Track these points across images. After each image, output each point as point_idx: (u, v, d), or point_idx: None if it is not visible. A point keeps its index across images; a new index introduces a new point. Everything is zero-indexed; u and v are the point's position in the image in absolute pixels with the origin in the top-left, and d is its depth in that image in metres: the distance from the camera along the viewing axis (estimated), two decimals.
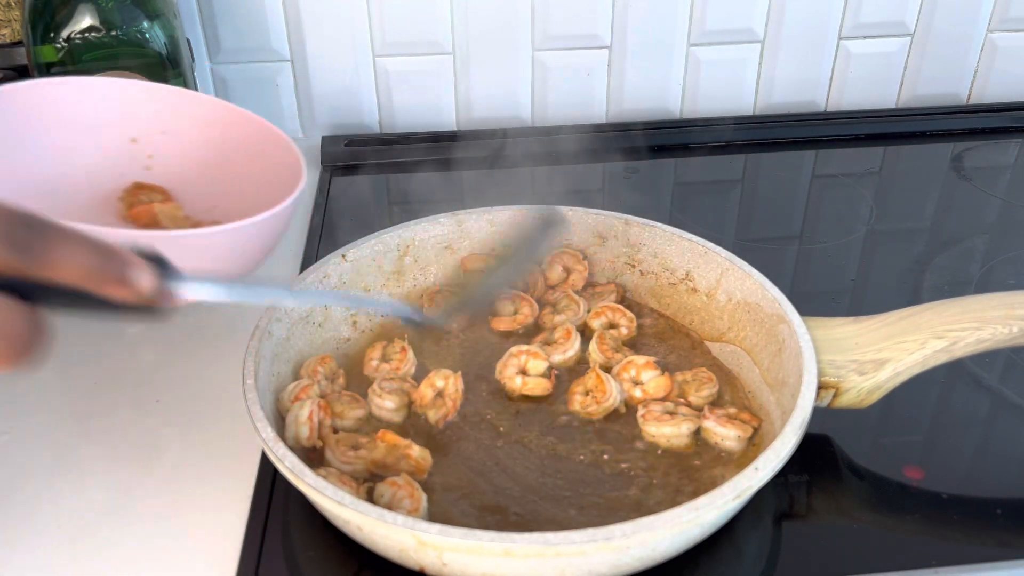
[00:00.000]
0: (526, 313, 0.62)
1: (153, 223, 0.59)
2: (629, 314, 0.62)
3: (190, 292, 0.36)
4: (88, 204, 0.60)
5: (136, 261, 0.33)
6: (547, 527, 0.41)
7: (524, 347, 0.58)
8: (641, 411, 0.53)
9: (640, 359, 0.56)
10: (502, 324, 0.62)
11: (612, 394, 0.54)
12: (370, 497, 0.47)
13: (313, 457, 0.50)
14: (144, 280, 0.33)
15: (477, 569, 0.42)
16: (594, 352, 0.58)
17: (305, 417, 0.50)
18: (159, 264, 0.34)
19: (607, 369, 0.57)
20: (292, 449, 0.46)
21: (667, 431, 0.52)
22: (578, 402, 0.55)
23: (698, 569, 0.46)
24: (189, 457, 0.54)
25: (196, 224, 0.60)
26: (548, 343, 0.59)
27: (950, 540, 0.48)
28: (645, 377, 0.56)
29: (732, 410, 0.53)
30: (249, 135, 0.62)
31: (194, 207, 0.62)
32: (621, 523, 0.40)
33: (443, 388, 0.55)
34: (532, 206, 0.66)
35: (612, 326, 0.61)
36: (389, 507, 0.45)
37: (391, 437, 0.49)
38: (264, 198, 0.60)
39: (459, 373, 0.55)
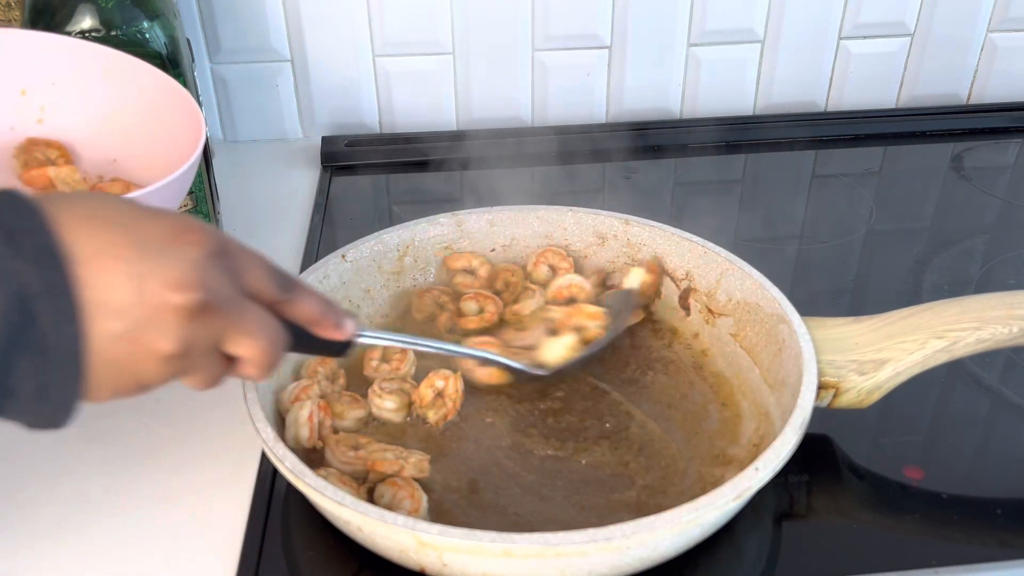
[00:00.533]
0: (491, 311, 0.62)
1: (49, 187, 0.57)
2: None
3: (368, 340, 0.47)
4: None
5: (348, 313, 0.45)
6: (547, 527, 0.41)
7: (478, 339, 0.59)
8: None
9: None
10: (470, 323, 0.62)
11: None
12: (371, 498, 0.47)
13: (313, 458, 0.50)
14: (350, 327, 0.45)
15: (477, 569, 0.42)
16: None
17: (305, 418, 0.50)
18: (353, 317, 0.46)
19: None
20: (292, 450, 0.46)
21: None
22: None
23: (698, 569, 0.46)
24: (189, 457, 0.54)
25: (93, 187, 0.60)
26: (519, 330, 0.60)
27: (950, 540, 0.48)
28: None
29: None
30: (146, 87, 0.61)
31: (92, 161, 0.61)
32: (621, 523, 0.40)
33: (443, 388, 0.55)
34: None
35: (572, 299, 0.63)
36: (390, 507, 0.45)
37: (381, 466, 0.49)
38: (164, 153, 0.59)
39: (458, 373, 0.55)
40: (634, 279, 0.62)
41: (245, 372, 0.40)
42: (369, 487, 0.48)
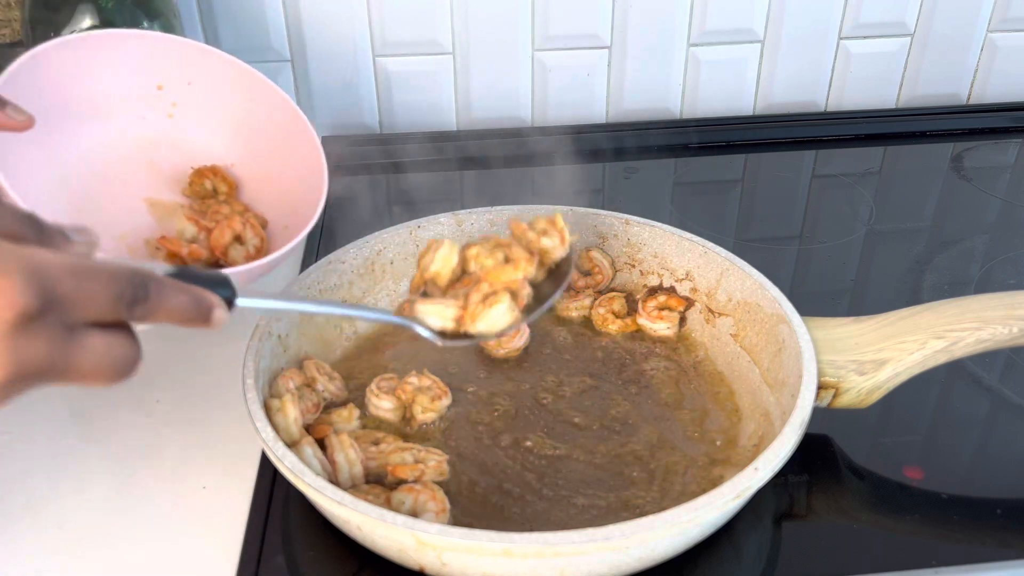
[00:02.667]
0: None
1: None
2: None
3: (245, 303, 0.41)
4: (121, 158, 0.62)
5: (216, 301, 0.39)
6: (547, 527, 0.41)
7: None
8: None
9: None
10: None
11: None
12: (390, 506, 0.46)
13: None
14: (220, 316, 0.39)
15: (477, 569, 0.42)
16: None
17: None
18: (225, 286, 0.40)
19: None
20: (287, 445, 0.46)
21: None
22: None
23: (698, 569, 0.46)
24: (189, 457, 0.54)
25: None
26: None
27: (950, 540, 0.48)
28: None
29: (662, 298, 0.62)
30: (275, 113, 0.63)
31: (214, 159, 0.64)
32: (620, 523, 0.40)
33: (420, 385, 0.55)
34: (534, 206, 0.66)
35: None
36: (413, 513, 0.45)
37: (401, 472, 0.48)
38: (279, 178, 0.62)
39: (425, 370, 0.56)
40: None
41: (94, 384, 0.36)
42: (387, 496, 0.47)
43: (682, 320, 0.62)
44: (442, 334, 0.49)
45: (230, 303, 0.40)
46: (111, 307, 0.35)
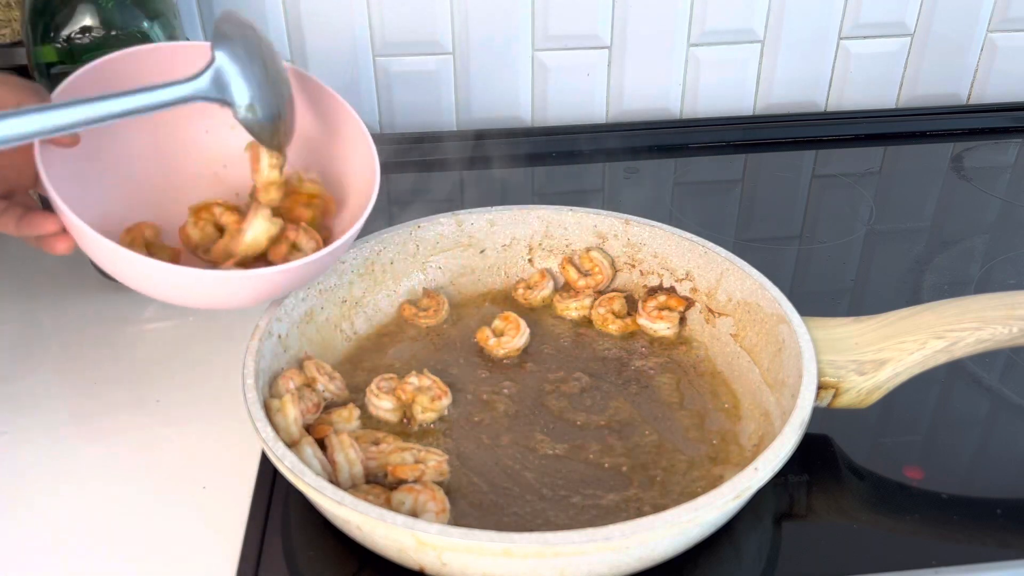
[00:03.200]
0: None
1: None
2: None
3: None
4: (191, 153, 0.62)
5: None
6: (547, 527, 0.41)
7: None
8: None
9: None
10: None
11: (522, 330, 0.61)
12: (390, 506, 0.46)
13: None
14: None
15: (477, 569, 0.42)
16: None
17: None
18: None
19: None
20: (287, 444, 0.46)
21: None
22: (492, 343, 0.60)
23: (697, 569, 0.46)
24: (189, 457, 0.54)
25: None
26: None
27: (950, 540, 0.48)
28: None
29: (662, 298, 0.62)
30: (328, 115, 0.64)
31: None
32: (620, 523, 0.40)
33: (420, 385, 0.55)
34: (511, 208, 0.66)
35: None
36: (413, 513, 0.45)
37: (401, 472, 0.48)
38: (334, 179, 0.62)
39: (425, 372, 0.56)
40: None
41: None
42: (387, 496, 0.47)
43: (682, 320, 0.62)
44: None
45: None
46: None
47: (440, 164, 0.87)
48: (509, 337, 0.60)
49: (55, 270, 0.71)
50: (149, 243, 0.59)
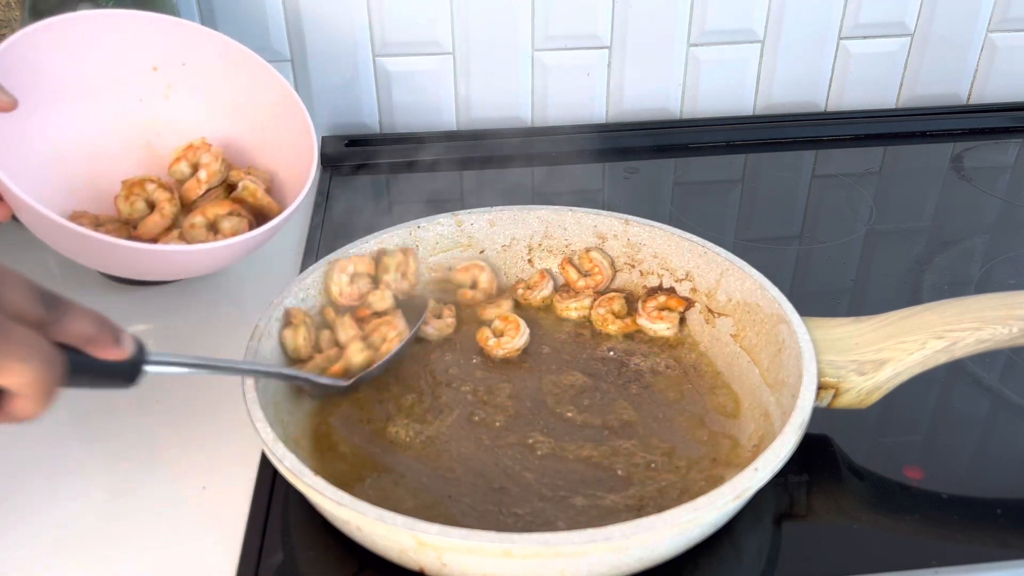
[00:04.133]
0: (450, 322, 0.63)
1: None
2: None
3: (155, 369, 0.43)
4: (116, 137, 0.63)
5: (124, 331, 0.41)
6: (547, 527, 0.41)
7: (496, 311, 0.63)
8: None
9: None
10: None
11: (522, 330, 0.61)
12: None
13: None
14: (129, 344, 0.41)
15: (477, 569, 0.42)
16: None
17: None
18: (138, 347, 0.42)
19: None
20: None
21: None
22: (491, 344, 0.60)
23: (698, 569, 0.46)
24: (189, 457, 0.54)
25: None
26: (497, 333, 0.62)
27: (950, 540, 0.48)
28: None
29: (662, 299, 0.62)
30: (267, 90, 0.64)
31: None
32: (620, 523, 0.40)
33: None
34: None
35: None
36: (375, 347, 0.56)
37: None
38: (272, 156, 0.64)
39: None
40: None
41: (17, 408, 0.36)
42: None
43: (682, 321, 0.62)
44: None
45: (139, 365, 0.42)
46: (32, 302, 0.36)
47: (440, 164, 0.87)
48: (509, 337, 0.60)
49: (55, 269, 0.71)
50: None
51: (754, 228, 0.81)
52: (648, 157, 0.91)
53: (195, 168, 0.63)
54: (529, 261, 0.68)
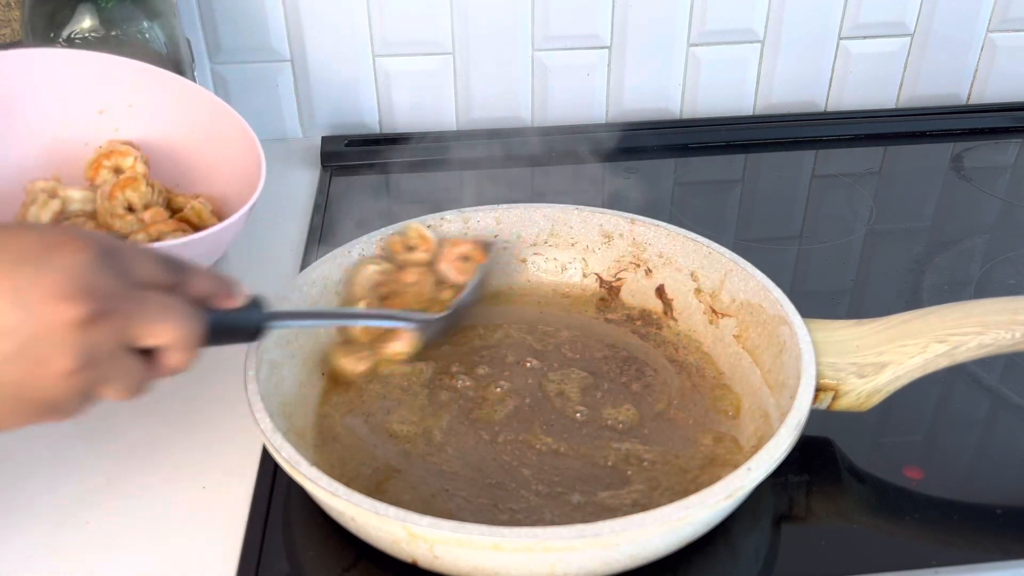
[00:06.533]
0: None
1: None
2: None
3: (278, 324, 0.49)
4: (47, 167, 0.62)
5: (238, 285, 0.45)
6: (542, 523, 0.41)
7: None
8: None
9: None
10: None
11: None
12: None
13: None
14: (244, 293, 0.45)
15: (468, 562, 0.42)
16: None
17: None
18: (256, 304, 0.46)
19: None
20: None
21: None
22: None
23: (693, 568, 0.46)
24: (189, 457, 0.54)
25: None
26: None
27: (950, 542, 0.48)
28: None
29: (464, 248, 0.62)
30: (215, 121, 0.64)
31: (157, 179, 0.64)
32: (610, 520, 0.40)
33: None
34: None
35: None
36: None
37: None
38: (225, 186, 0.63)
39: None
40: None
41: (169, 362, 0.40)
42: None
43: (669, 311, 0.63)
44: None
45: (261, 321, 0.46)
46: (160, 269, 0.40)
47: (440, 164, 0.87)
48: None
49: None
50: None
51: (754, 228, 0.81)
52: (648, 157, 0.91)
53: (117, 171, 0.62)
54: (523, 261, 0.67)
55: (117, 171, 0.61)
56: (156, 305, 0.38)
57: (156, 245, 0.54)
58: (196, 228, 0.62)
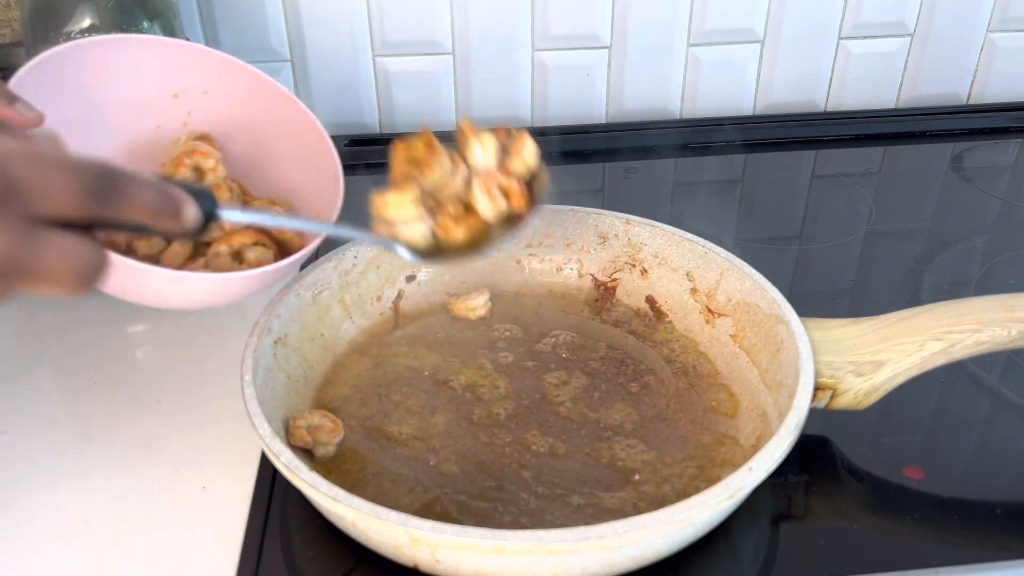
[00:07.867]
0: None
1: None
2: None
3: (229, 217, 0.42)
4: (126, 151, 0.62)
5: (184, 198, 0.38)
6: (543, 525, 0.41)
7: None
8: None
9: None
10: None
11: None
12: None
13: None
14: (191, 213, 0.38)
15: (470, 566, 0.42)
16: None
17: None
18: (206, 197, 0.40)
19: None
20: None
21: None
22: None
23: (694, 569, 0.46)
24: (189, 457, 0.54)
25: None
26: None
27: (950, 541, 0.48)
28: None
29: (503, 180, 0.55)
30: (290, 121, 0.63)
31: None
32: (613, 521, 0.40)
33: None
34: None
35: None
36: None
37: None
38: (293, 183, 0.63)
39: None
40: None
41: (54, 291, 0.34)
42: None
43: (659, 315, 0.63)
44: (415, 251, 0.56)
45: (212, 215, 0.40)
46: (78, 200, 0.33)
47: None
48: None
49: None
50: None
51: (754, 228, 0.81)
52: (648, 157, 0.91)
53: (197, 171, 0.62)
54: (517, 261, 0.67)
55: (198, 171, 0.61)
56: (55, 255, 0.33)
57: (252, 272, 0.52)
58: (274, 239, 0.61)
